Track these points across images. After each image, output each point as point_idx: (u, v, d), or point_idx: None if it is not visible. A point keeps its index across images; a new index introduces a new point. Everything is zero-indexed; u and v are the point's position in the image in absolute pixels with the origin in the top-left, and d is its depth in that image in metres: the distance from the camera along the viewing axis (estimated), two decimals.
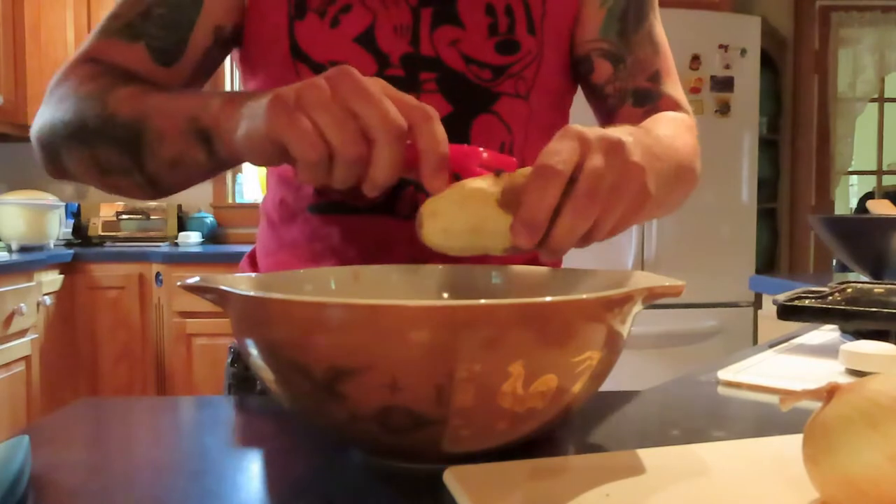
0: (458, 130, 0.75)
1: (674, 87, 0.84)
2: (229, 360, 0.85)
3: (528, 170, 0.52)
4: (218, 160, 0.62)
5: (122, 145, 0.65)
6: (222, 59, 0.79)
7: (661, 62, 0.83)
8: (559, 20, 0.80)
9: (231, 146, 0.59)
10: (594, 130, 0.52)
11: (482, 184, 0.54)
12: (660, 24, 0.85)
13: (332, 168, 0.52)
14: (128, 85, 0.68)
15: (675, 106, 0.82)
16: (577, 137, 0.51)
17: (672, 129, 0.73)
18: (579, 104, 0.89)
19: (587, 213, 0.50)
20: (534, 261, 0.84)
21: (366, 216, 0.76)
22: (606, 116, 0.84)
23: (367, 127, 0.50)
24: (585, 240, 0.53)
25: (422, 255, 0.74)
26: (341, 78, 0.51)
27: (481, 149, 0.58)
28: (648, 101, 0.82)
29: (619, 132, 0.54)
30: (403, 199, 0.75)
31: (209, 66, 0.77)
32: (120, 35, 0.73)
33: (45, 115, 0.71)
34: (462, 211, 0.53)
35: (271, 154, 0.54)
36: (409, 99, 0.53)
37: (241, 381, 0.83)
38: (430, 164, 0.53)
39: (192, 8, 0.73)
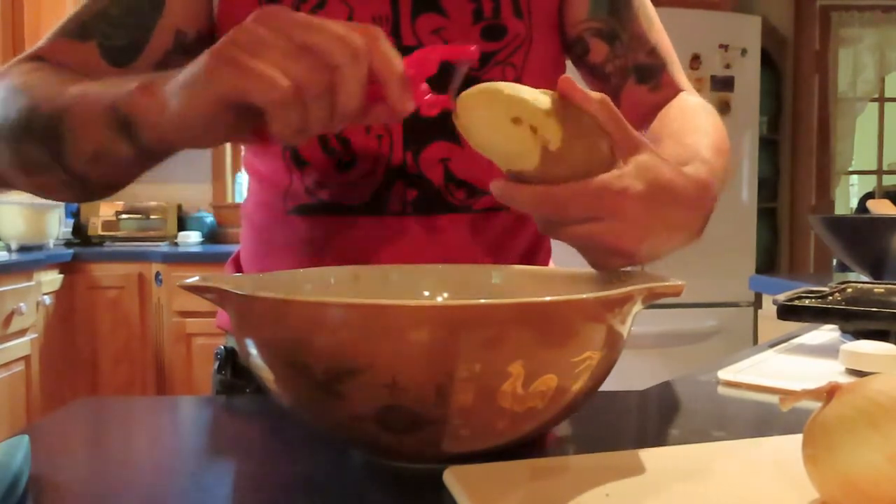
0: (446, 121, 0.73)
1: (673, 64, 0.82)
2: (216, 366, 0.83)
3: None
4: (143, 150, 0.55)
5: (42, 140, 0.60)
6: (185, 65, 0.77)
7: (656, 36, 0.81)
8: (546, 1, 0.78)
9: (157, 129, 0.52)
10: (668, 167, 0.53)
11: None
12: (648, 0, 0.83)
13: (303, 110, 0.46)
14: (59, 75, 0.64)
15: (676, 82, 0.81)
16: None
17: (707, 146, 0.67)
18: None
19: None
20: (532, 261, 0.84)
21: (355, 217, 0.74)
22: (611, 97, 0.83)
23: (323, 53, 0.46)
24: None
25: (415, 254, 0.74)
26: (274, 14, 0.47)
27: (431, 54, 0.52)
28: (651, 77, 0.80)
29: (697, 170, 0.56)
30: (393, 196, 0.74)
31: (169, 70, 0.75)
32: (71, 35, 0.70)
33: None
34: (508, 100, 0.50)
35: (220, 121, 0.48)
36: (351, 23, 0.49)
37: (229, 388, 0.81)
38: (394, 85, 0.48)
39: (151, 10, 0.71)
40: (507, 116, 0.49)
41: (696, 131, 0.69)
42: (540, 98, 0.50)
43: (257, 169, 0.80)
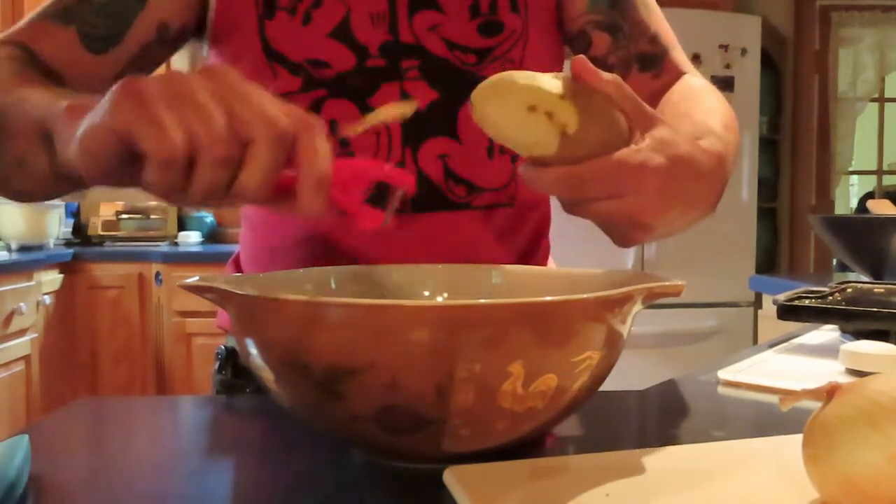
0: (445, 117, 0.74)
1: (674, 48, 0.82)
2: (216, 366, 0.83)
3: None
4: (57, 168, 0.52)
5: None
6: (164, 59, 0.75)
7: (655, 23, 0.81)
8: None
9: (64, 152, 0.48)
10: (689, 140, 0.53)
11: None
12: None
13: (191, 172, 0.42)
14: (20, 72, 0.63)
15: (679, 67, 0.81)
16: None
17: (717, 121, 0.67)
18: None
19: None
20: (531, 257, 0.84)
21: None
22: None
23: (242, 124, 0.42)
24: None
25: (414, 251, 0.74)
26: (217, 74, 0.43)
27: (372, 165, 0.51)
28: (654, 64, 0.80)
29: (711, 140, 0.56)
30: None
31: (147, 63, 0.73)
32: (53, 18, 0.69)
33: None
34: (522, 90, 0.50)
35: (109, 153, 0.43)
36: (293, 107, 0.45)
37: (229, 387, 0.81)
38: (307, 181, 0.43)
39: (136, 1, 0.70)
40: (523, 106, 0.50)
41: (704, 110, 0.69)
42: (553, 83, 0.50)
43: None
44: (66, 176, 0.52)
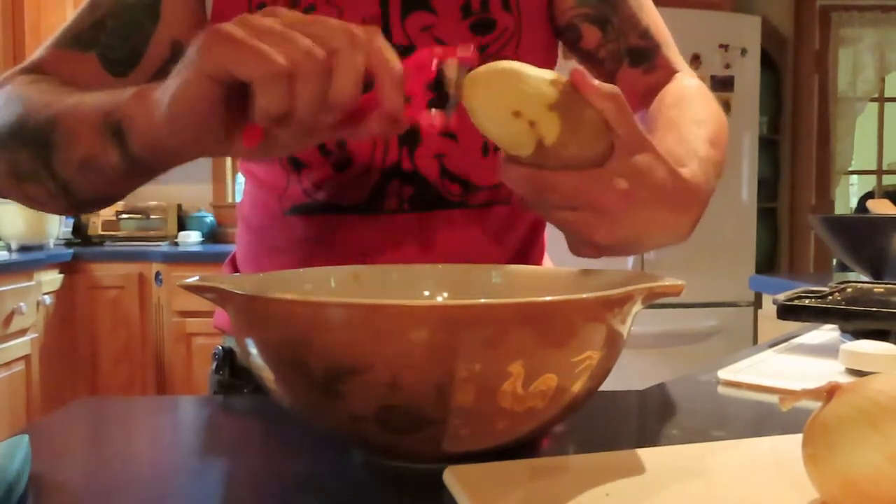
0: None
1: (667, 46, 0.82)
2: (213, 367, 0.83)
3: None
4: (131, 158, 0.54)
5: (34, 147, 0.60)
6: None
7: (647, 18, 0.81)
8: None
9: (148, 134, 0.51)
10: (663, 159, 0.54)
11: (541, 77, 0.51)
12: None
13: (293, 91, 0.45)
14: (56, 86, 0.64)
15: (671, 63, 0.80)
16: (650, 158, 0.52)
17: (702, 131, 0.68)
18: None
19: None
20: (527, 255, 0.84)
21: (352, 216, 0.74)
22: (607, 82, 0.82)
23: (323, 39, 0.46)
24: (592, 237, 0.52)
25: (412, 251, 0.74)
26: (275, 9, 0.48)
27: (433, 58, 0.52)
28: (645, 59, 0.80)
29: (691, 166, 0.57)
30: (389, 194, 0.74)
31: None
32: (71, 46, 0.70)
33: None
34: (514, 93, 0.50)
35: (207, 103, 0.47)
36: (352, 23, 0.49)
37: (227, 388, 0.81)
38: (388, 83, 0.48)
39: (148, 20, 0.71)
40: (509, 108, 0.50)
41: (693, 121, 0.69)
42: (547, 90, 0.50)
43: (254, 172, 0.80)
44: (142, 165, 0.55)
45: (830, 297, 0.89)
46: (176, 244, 3.24)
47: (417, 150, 0.74)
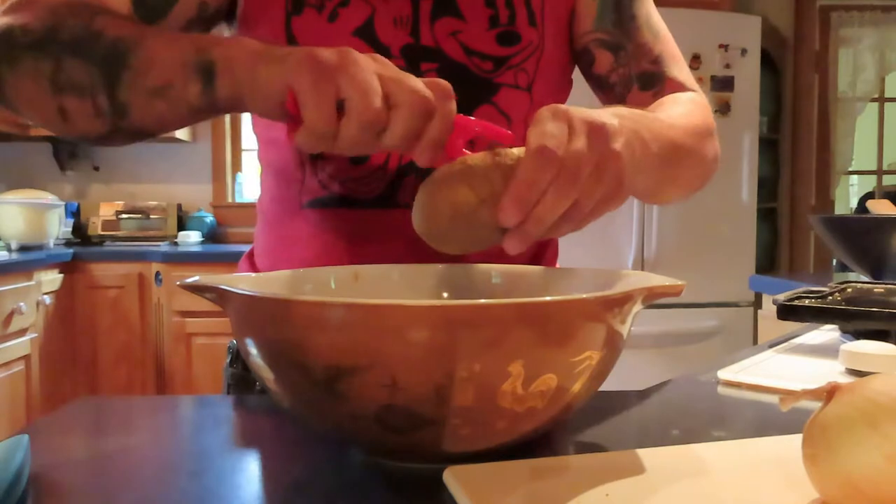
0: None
1: (679, 70, 0.83)
2: (228, 360, 0.85)
3: (512, 151, 0.54)
4: (210, 99, 0.58)
5: (97, 61, 0.59)
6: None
7: (662, 47, 0.83)
8: (558, 12, 0.80)
9: (236, 80, 0.56)
10: (580, 111, 0.53)
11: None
12: (656, 12, 0.85)
13: (338, 132, 0.52)
14: (121, 15, 0.65)
15: (682, 87, 0.82)
16: (565, 118, 0.52)
17: (677, 110, 0.73)
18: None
19: (570, 191, 0.51)
20: (540, 258, 0.84)
21: (367, 210, 0.75)
22: (616, 105, 0.84)
23: (388, 90, 0.52)
24: (561, 223, 0.53)
25: (427, 247, 0.74)
26: (376, 56, 0.54)
27: (475, 125, 0.58)
28: (654, 83, 0.82)
29: (606, 114, 0.55)
30: (405, 187, 0.75)
31: None
32: None
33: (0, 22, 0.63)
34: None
35: (276, 104, 0.54)
36: (428, 79, 0.55)
37: (240, 381, 0.83)
38: (431, 140, 0.54)
39: None
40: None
41: (658, 108, 0.74)
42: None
43: (271, 163, 0.81)
44: (218, 106, 0.58)
45: (830, 297, 0.89)
46: (176, 244, 3.24)
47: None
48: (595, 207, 0.54)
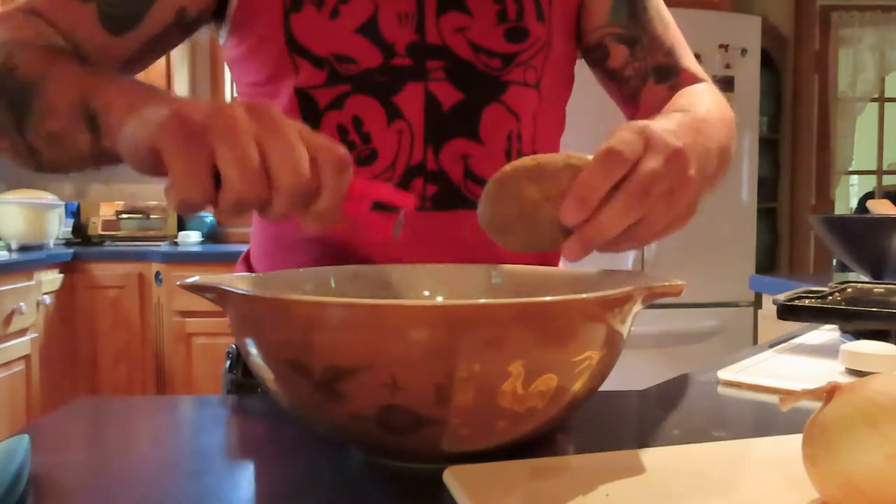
0: (467, 119, 0.75)
1: (689, 60, 0.83)
2: (227, 365, 0.84)
3: (587, 157, 0.53)
4: (100, 149, 0.55)
5: (8, 103, 0.59)
6: (180, 41, 0.76)
7: (673, 37, 0.83)
8: (566, 7, 0.79)
9: (113, 138, 0.52)
10: (658, 127, 0.53)
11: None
12: (662, 2, 0.85)
13: (215, 199, 0.46)
14: (48, 46, 0.63)
15: (695, 78, 0.82)
16: (643, 133, 0.51)
17: (712, 106, 0.73)
18: (576, 102, 0.88)
19: (637, 207, 0.50)
20: (545, 261, 0.84)
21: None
22: (629, 99, 0.84)
23: (271, 170, 0.46)
24: (625, 239, 0.52)
25: (432, 249, 0.74)
26: (260, 112, 0.46)
27: (380, 188, 0.55)
28: (670, 76, 0.81)
29: (673, 128, 0.55)
30: (413, 189, 0.74)
31: (163, 45, 0.74)
32: None
33: None
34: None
35: (146, 165, 0.48)
36: (322, 140, 0.49)
37: (240, 387, 0.82)
38: (317, 215, 0.49)
39: None
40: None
41: (692, 95, 0.74)
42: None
43: None
44: (109, 156, 0.55)
45: (830, 297, 0.89)
46: (176, 244, 3.24)
47: (443, 150, 0.74)
48: (661, 230, 0.52)
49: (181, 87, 3.25)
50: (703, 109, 0.70)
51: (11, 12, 0.68)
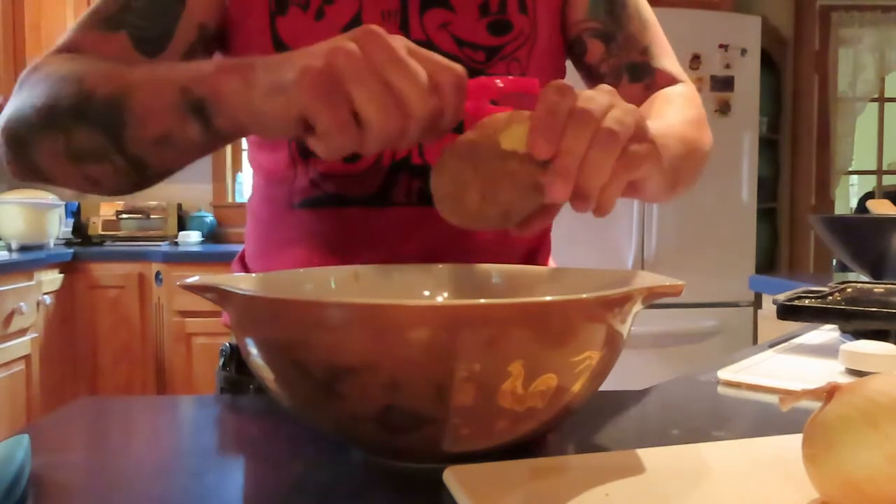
0: None
1: (669, 61, 0.83)
2: (221, 363, 0.84)
3: (513, 115, 0.53)
4: (215, 134, 0.56)
5: (99, 125, 0.59)
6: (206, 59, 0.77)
7: (650, 37, 0.83)
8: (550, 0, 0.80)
9: (235, 116, 0.54)
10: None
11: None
12: (645, 1, 0.85)
13: (361, 141, 0.50)
14: (108, 64, 0.64)
15: (672, 79, 0.82)
16: (609, 92, 0.52)
17: (675, 108, 0.73)
18: None
19: (611, 149, 0.49)
20: (533, 257, 0.84)
21: (360, 208, 0.75)
22: None
23: (404, 101, 0.49)
24: (608, 191, 0.51)
25: (419, 245, 0.74)
26: (372, 41, 0.49)
27: (497, 81, 0.57)
28: (644, 75, 0.81)
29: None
30: (399, 185, 0.74)
31: None
32: (100, 27, 0.70)
33: (15, 104, 0.65)
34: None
35: (292, 128, 0.52)
36: (437, 58, 0.52)
37: (233, 384, 0.82)
38: (441, 131, 0.54)
39: (174, 3, 0.71)
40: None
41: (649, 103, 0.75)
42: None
43: (261, 164, 0.81)
44: (224, 137, 0.57)
45: (830, 297, 0.89)
46: (176, 244, 3.24)
47: (427, 145, 0.74)
48: (630, 161, 0.51)
49: None
50: (661, 112, 0.71)
51: (51, 56, 0.68)
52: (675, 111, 0.73)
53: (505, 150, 0.51)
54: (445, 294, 0.64)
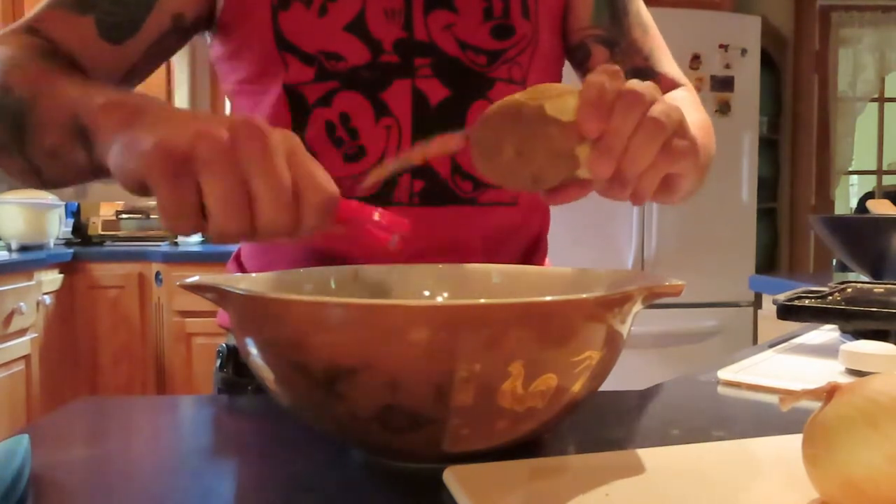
0: (455, 115, 0.75)
1: (669, 65, 0.84)
2: (218, 363, 0.84)
3: (564, 87, 0.52)
4: (95, 165, 0.54)
5: (8, 123, 0.60)
6: (179, 48, 0.77)
7: (652, 42, 0.84)
8: (552, 5, 0.80)
9: (104, 159, 0.51)
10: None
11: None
12: (644, 6, 0.85)
13: (203, 229, 0.46)
14: (44, 61, 0.64)
15: (674, 83, 0.83)
16: (653, 86, 0.51)
17: (693, 116, 0.72)
18: None
19: (657, 136, 0.49)
20: (530, 258, 0.84)
21: None
22: None
23: (254, 204, 0.44)
24: (647, 179, 0.51)
25: (419, 245, 0.74)
26: (248, 135, 0.44)
27: (375, 214, 0.53)
28: (647, 80, 0.82)
29: None
30: (400, 187, 0.74)
31: (163, 52, 0.75)
32: (70, 7, 0.70)
33: None
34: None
35: (135, 190, 0.47)
36: (316, 175, 0.47)
37: (230, 385, 0.82)
38: (298, 235, 0.47)
39: None
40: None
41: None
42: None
43: None
44: (105, 171, 0.53)
45: (830, 297, 0.89)
46: (176, 244, 3.23)
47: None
48: (672, 153, 0.51)
49: (182, 96, 3.25)
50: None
51: (10, 33, 0.69)
52: (686, 115, 0.73)
53: (549, 116, 0.51)
54: (445, 294, 0.64)
